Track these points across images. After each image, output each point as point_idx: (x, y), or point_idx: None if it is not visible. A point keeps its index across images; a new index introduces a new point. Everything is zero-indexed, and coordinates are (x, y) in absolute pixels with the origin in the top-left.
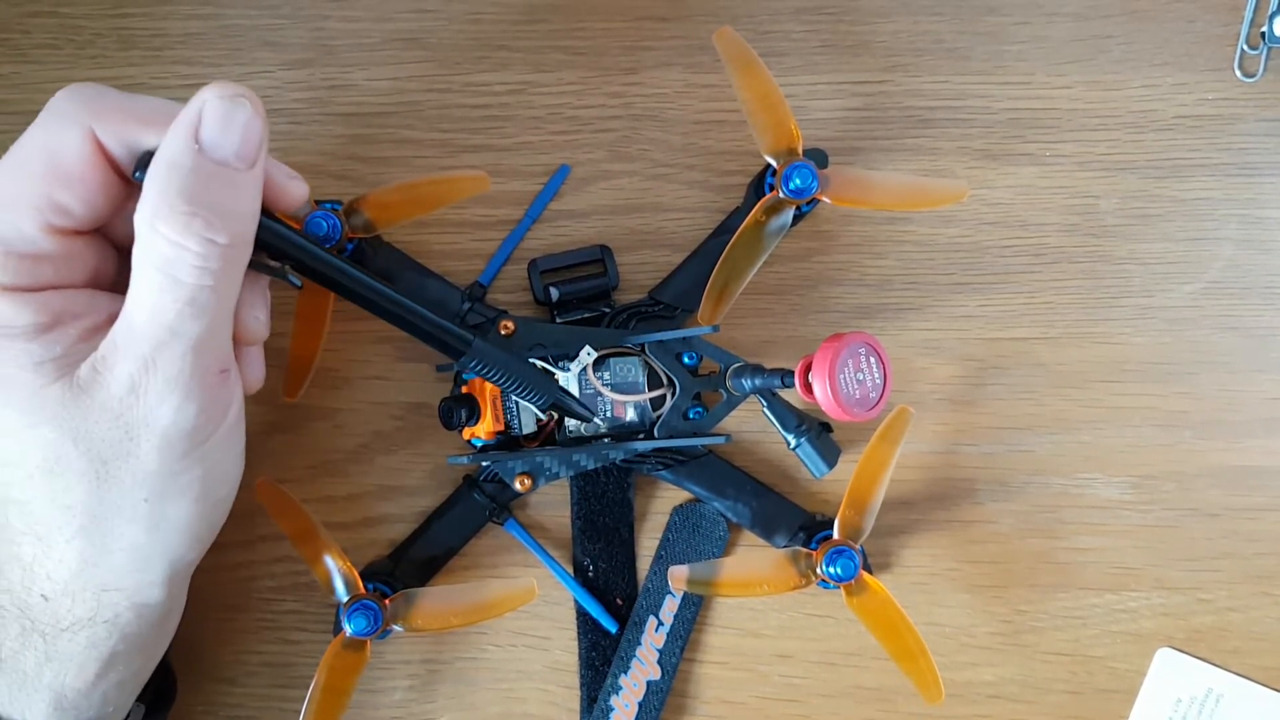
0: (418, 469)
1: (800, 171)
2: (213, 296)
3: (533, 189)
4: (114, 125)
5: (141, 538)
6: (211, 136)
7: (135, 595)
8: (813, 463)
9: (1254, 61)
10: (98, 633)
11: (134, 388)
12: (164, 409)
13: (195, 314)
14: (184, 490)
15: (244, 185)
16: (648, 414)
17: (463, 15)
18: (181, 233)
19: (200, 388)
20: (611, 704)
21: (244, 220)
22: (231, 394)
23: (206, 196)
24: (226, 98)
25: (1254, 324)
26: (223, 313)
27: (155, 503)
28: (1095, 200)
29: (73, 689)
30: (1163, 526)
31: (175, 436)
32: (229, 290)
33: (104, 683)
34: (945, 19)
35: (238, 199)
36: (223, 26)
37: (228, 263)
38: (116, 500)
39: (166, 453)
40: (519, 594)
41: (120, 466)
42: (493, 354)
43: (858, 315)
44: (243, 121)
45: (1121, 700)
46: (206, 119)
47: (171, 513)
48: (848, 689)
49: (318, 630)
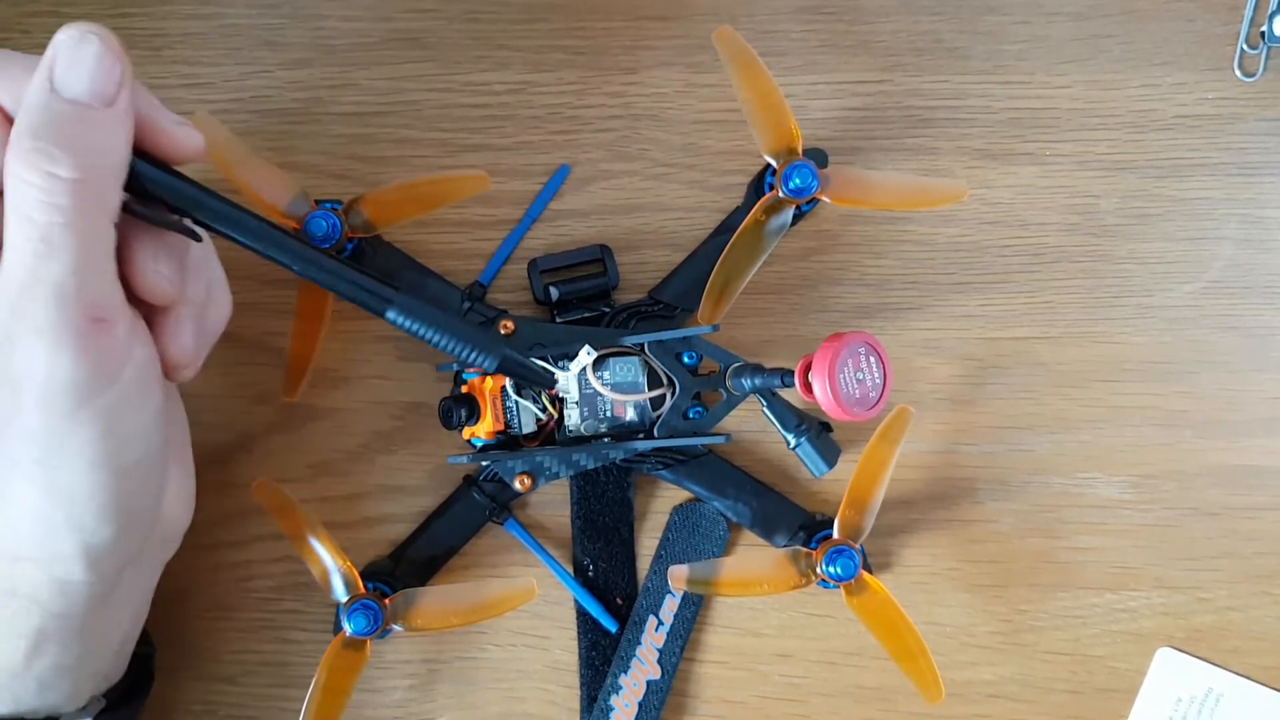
0: (418, 469)
1: (800, 171)
2: (68, 235)
3: (533, 189)
4: (8, 83)
5: (39, 500)
6: (62, 75)
7: (50, 568)
8: (813, 462)
9: (1254, 61)
10: (18, 607)
11: (9, 337)
12: (36, 359)
13: (50, 253)
14: (76, 453)
15: (99, 123)
16: (648, 414)
17: (462, 15)
18: (25, 168)
19: (71, 336)
20: (611, 703)
21: (98, 155)
22: (121, 348)
23: (52, 132)
24: (74, 37)
25: (1254, 324)
26: (88, 255)
27: (47, 465)
28: (1095, 200)
29: (2, 668)
30: (1163, 526)
31: (54, 390)
32: (91, 230)
33: (37, 664)
34: (945, 19)
35: (89, 134)
36: (223, 26)
37: (80, 200)
38: (9, 460)
39: (49, 409)
40: (519, 594)
41: (7, 424)
42: (420, 309)
43: (858, 315)
44: (92, 57)
45: (1121, 700)
46: (57, 59)
47: (66, 477)
48: (848, 689)
49: (317, 630)
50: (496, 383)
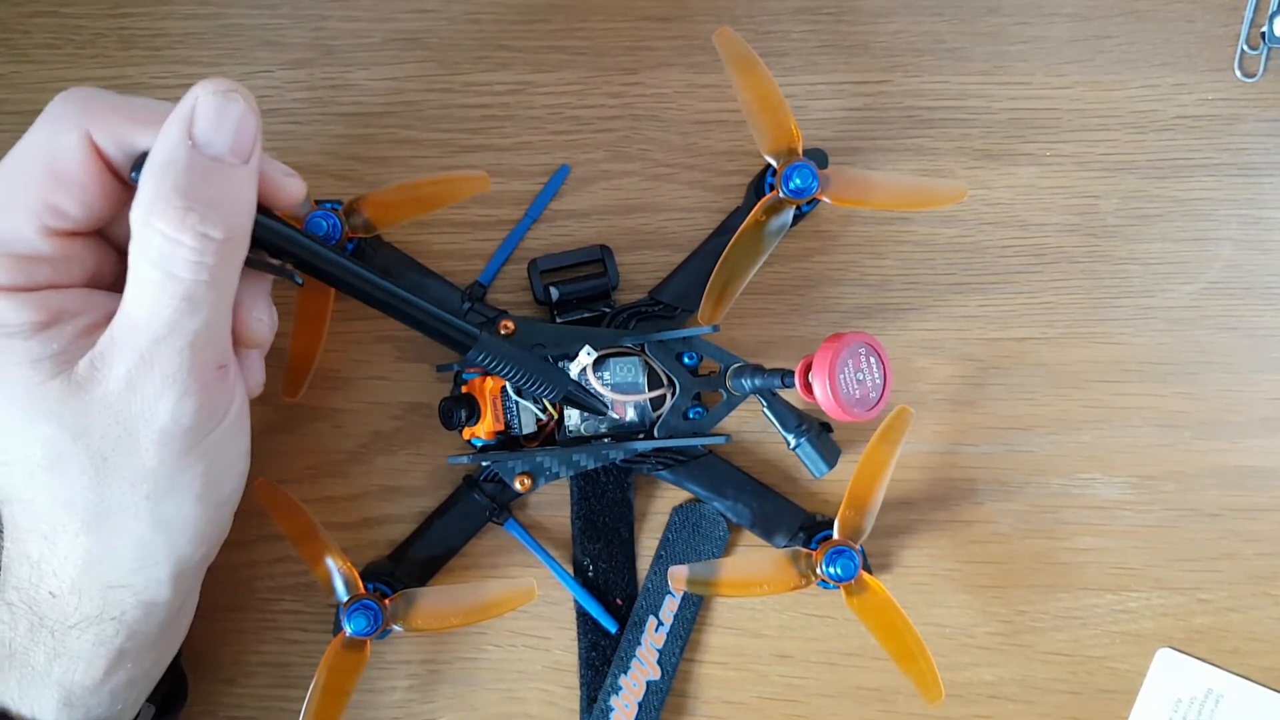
0: (418, 469)
1: (800, 171)
2: (210, 292)
3: (533, 189)
4: (110, 127)
5: (145, 534)
6: (205, 132)
7: (142, 593)
8: (813, 463)
9: (1254, 61)
10: (105, 630)
11: (131, 384)
12: (162, 405)
13: (192, 309)
14: (186, 487)
15: (239, 180)
16: (648, 414)
17: (463, 15)
18: (177, 228)
19: (198, 384)
20: (611, 704)
21: (240, 215)
22: (232, 391)
23: (201, 192)
24: (220, 93)
25: (1254, 324)
26: (220, 309)
27: (156, 500)
28: (1095, 200)
29: (81, 685)
30: (1163, 526)
31: (174, 433)
32: (226, 286)
33: (112, 680)
34: (945, 19)
35: (233, 194)
36: (223, 26)
37: (224, 258)
38: (118, 497)
39: (166, 449)
40: (519, 594)
41: (120, 463)
42: (500, 348)
43: (858, 315)
44: (236, 117)
45: (1121, 700)
46: (199, 115)
47: (173, 510)
48: (848, 689)
49: (317, 630)
50: (496, 383)
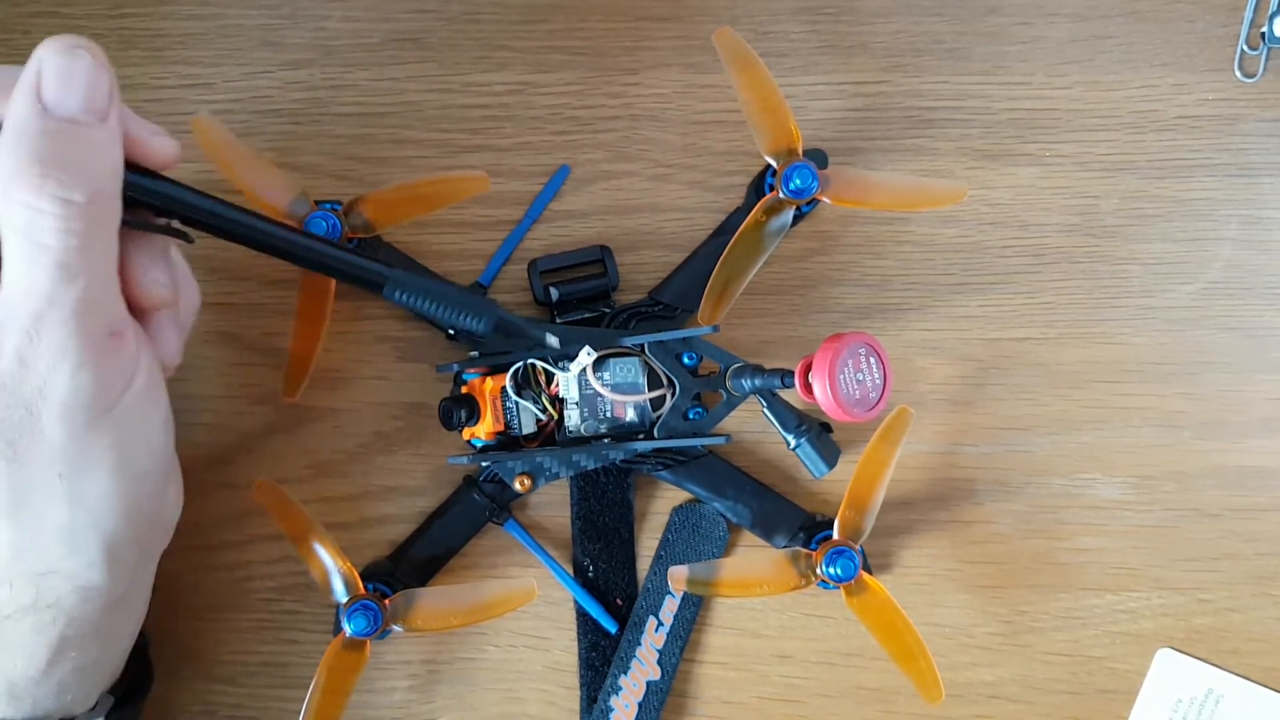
0: (418, 469)
1: (800, 172)
2: (83, 258)
3: (533, 189)
4: None
5: (65, 516)
6: (54, 93)
7: (75, 577)
8: (813, 463)
9: (1254, 62)
10: (42, 618)
11: (23, 361)
12: (57, 379)
13: (68, 278)
14: (99, 460)
15: (97, 140)
16: (648, 414)
17: (463, 15)
18: (36, 195)
19: (91, 352)
20: (611, 704)
21: (103, 176)
22: (131, 357)
23: (57, 156)
24: (64, 51)
25: (1254, 324)
26: (99, 274)
27: (71, 478)
28: (1095, 200)
29: (24, 677)
30: (1163, 527)
31: (76, 406)
32: (103, 250)
33: (57, 669)
34: (945, 19)
35: (91, 154)
36: (223, 26)
37: (92, 221)
38: (31, 480)
39: (70, 424)
40: (519, 594)
41: (28, 445)
42: (413, 281)
43: (858, 315)
44: (84, 72)
45: (1121, 700)
46: (46, 76)
47: (90, 486)
48: (848, 689)
49: (317, 631)
50: (496, 383)
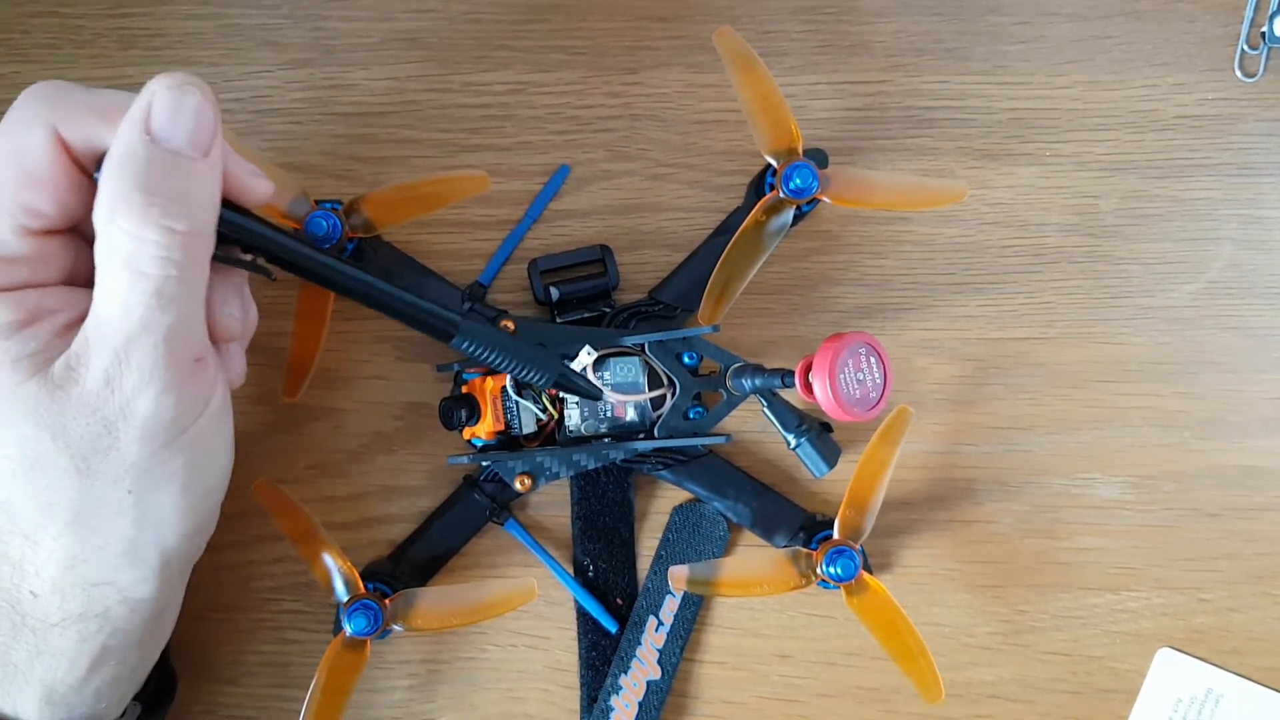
0: (418, 469)
1: (800, 171)
2: (179, 286)
3: (533, 189)
4: (77, 123)
5: (129, 530)
6: (162, 126)
7: (127, 590)
8: (813, 463)
9: (1254, 61)
10: (88, 627)
11: (109, 381)
12: (141, 401)
13: (163, 305)
14: (168, 481)
15: (200, 173)
16: (648, 414)
17: (463, 15)
18: (140, 224)
19: (176, 378)
20: (611, 704)
21: (202, 208)
22: (210, 383)
23: (162, 186)
24: (175, 87)
25: (1254, 324)
26: (191, 302)
27: (139, 495)
28: (1095, 200)
29: (64, 684)
30: (1163, 526)
31: (155, 428)
32: (196, 280)
33: (96, 678)
34: (945, 19)
35: (194, 187)
36: (223, 26)
37: (190, 251)
38: (100, 495)
39: (147, 444)
40: (519, 594)
41: (101, 461)
42: (484, 332)
43: (858, 315)
44: (192, 109)
45: (1121, 700)
46: (156, 109)
47: (157, 504)
48: (848, 689)
49: (317, 630)
50: (497, 383)
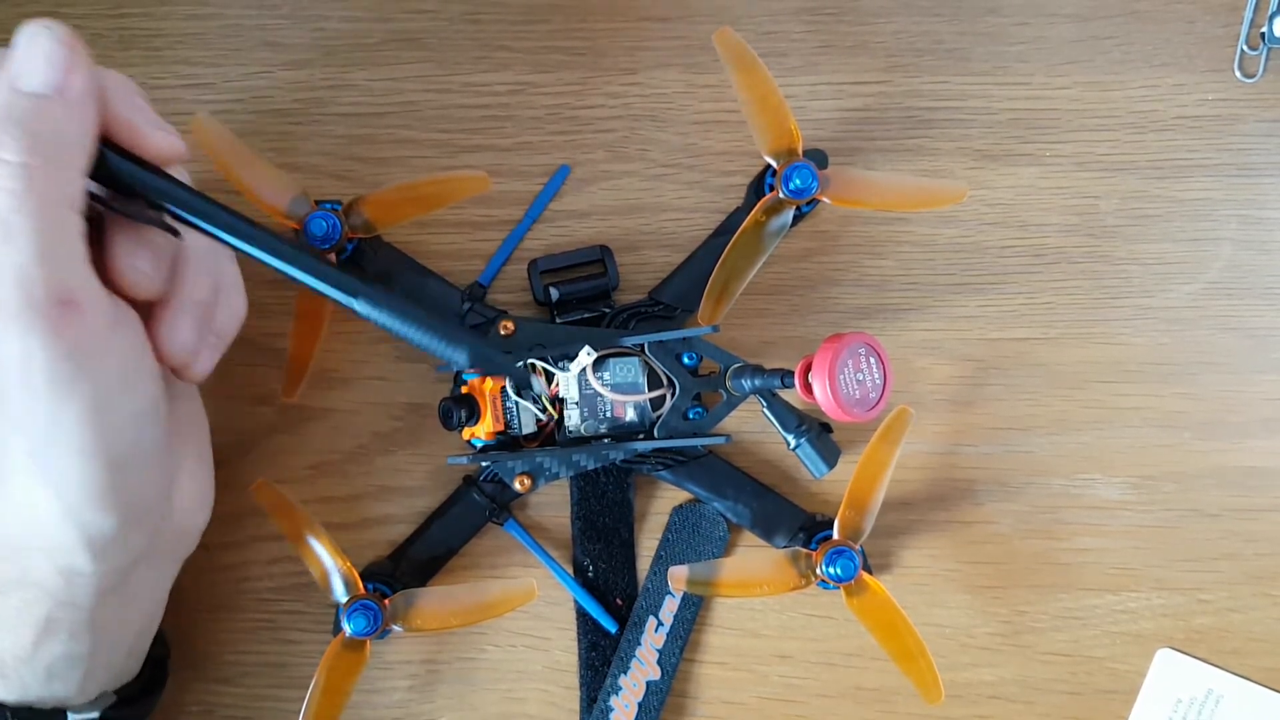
0: (417, 469)
1: (800, 172)
2: (25, 220)
3: (533, 189)
4: None
5: (36, 490)
6: (17, 69)
7: (56, 558)
8: (813, 463)
9: (1254, 62)
10: (28, 594)
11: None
12: (10, 343)
13: (8, 237)
14: (66, 441)
15: (53, 111)
16: (648, 414)
17: (463, 15)
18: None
19: (39, 319)
20: (611, 704)
21: (51, 142)
22: (99, 336)
23: (7, 123)
24: (28, 32)
25: (1254, 324)
26: (50, 240)
27: (38, 455)
28: (1095, 201)
29: (11, 654)
30: (1163, 527)
31: (33, 374)
32: (52, 217)
33: (44, 652)
34: (945, 19)
35: (44, 124)
36: (222, 26)
37: (33, 185)
38: (5, 453)
39: (30, 393)
40: (519, 594)
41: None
42: (388, 300)
43: (858, 315)
44: (42, 50)
45: (1121, 701)
46: (14, 52)
47: (58, 466)
48: (847, 689)
49: (317, 631)
50: (496, 383)
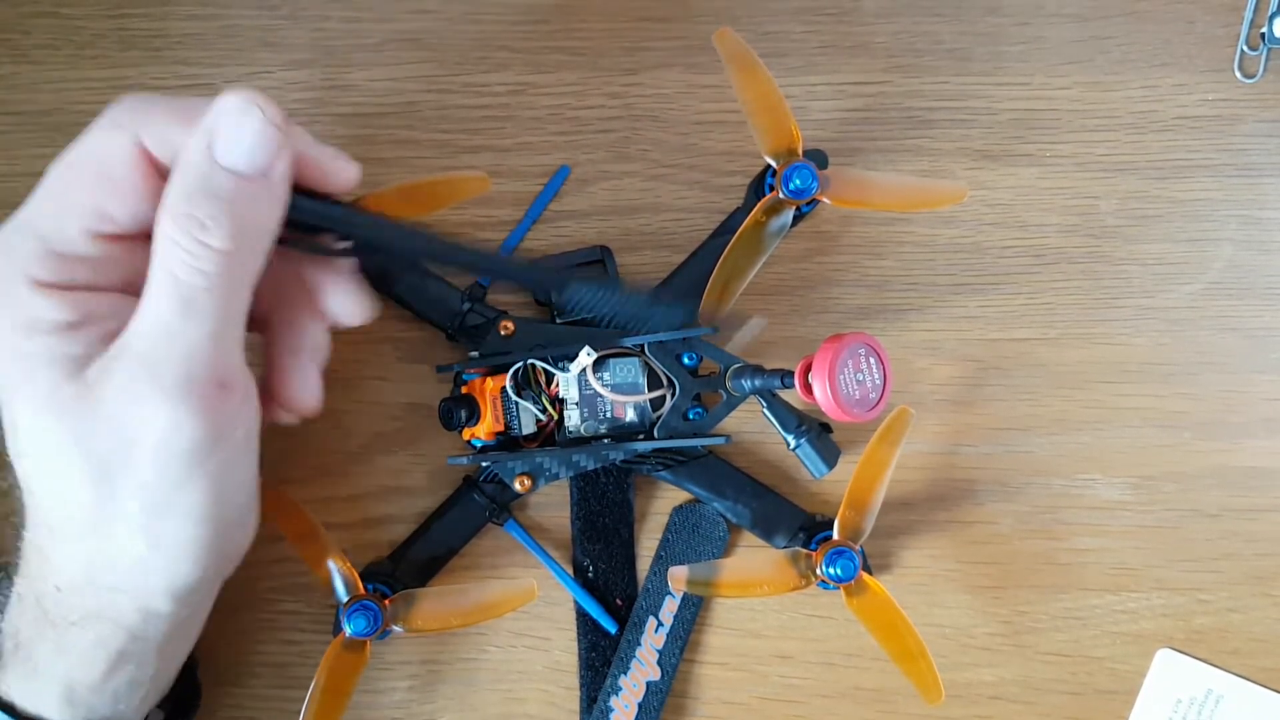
0: (418, 470)
1: (800, 172)
2: (209, 300)
3: (533, 189)
4: (162, 131)
5: (141, 550)
6: (221, 144)
7: (140, 600)
8: (812, 463)
9: (1254, 62)
10: (104, 630)
11: (131, 392)
12: (159, 417)
13: (189, 314)
14: (184, 509)
15: (254, 193)
16: (647, 414)
17: (463, 15)
18: (177, 232)
19: (197, 400)
20: (611, 704)
21: (249, 227)
22: (235, 414)
23: (210, 201)
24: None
25: (1254, 324)
26: (221, 320)
27: (152, 517)
28: (1095, 201)
29: (83, 684)
30: (1163, 527)
31: (171, 450)
32: (230, 299)
33: (114, 680)
34: (945, 20)
35: (244, 206)
36: (223, 26)
37: (226, 268)
38: (115, 507)
39: (161, 465)
40: (519, 594)
41: (119, 475)
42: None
43: (858, 315)
44: (252, 130)
45: (1121, 701)
46: (218, 127)
47: (170, 531)
48: (847, 689)
49: (317, 631)
50: (496, 383)
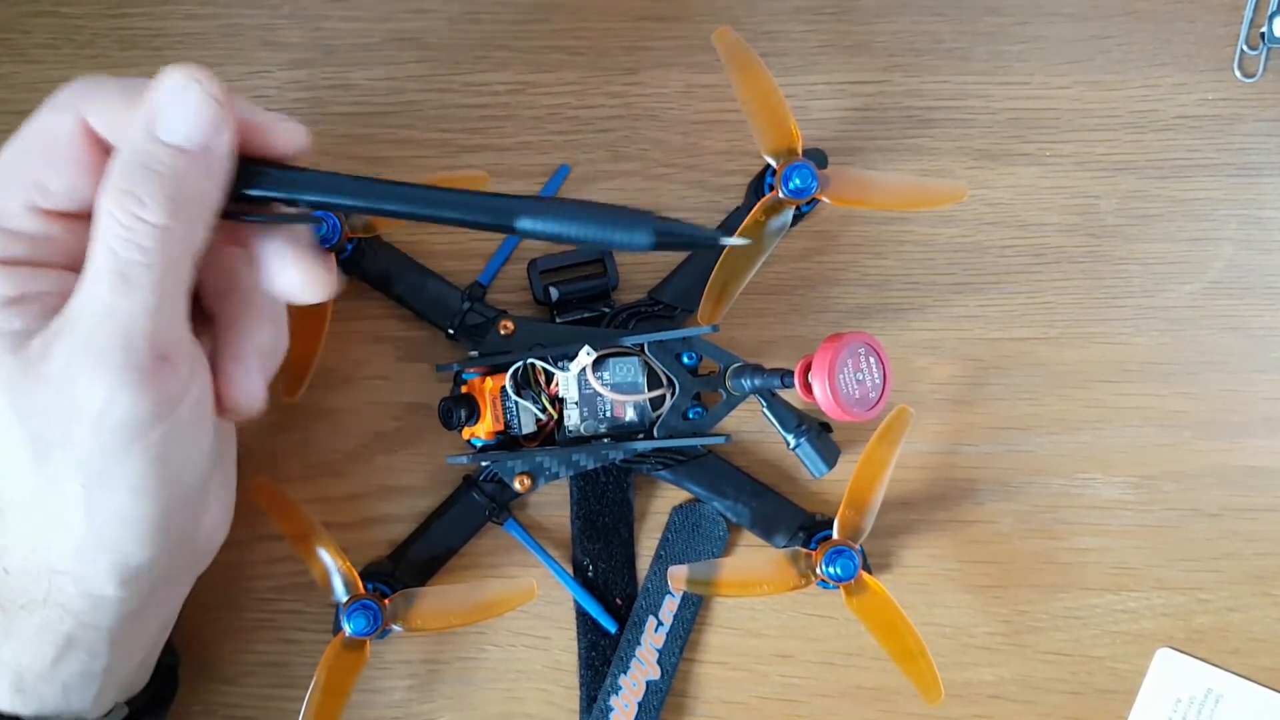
0: (417, 469)
1: (800, 171)
2: (147, 274)
3: (533, 188)
4: (106, 111)
5: (81, 528)
6: (161, 120)
7: (84, 583)
8: (812, 463)
9: (1254, 62)
10: (50, 614)
11: (70, 364)
12: (97, 389)
13: (126, 289)
14: (122, 484)
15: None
16: (647, 414)
17: (463, 15)
18: (115, 207)
19: (136, 374)
20: (611, 704)
21: (187, 202)
22: (180, 386)
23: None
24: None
25: (1254, 324)
26: (164, 296)
27: (91, 491)
28: (1095, 200)
29: (30, 670)
30: (1163, 526)
31: (108, 423)
32: (172, 273)
33: (62, 669)
34: (945, 19)
35: (183, 182)
36: (223, 26)
37: (163, 243)
38: (55, 485)
39: (99, 438)
40: (519, 594)
41: (59, 449)
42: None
43: (858, 315)
44: (191, 104)
45: (1121, 700)
46: (158, 104)
47: (110, 506)
48: (847, 689)
49: (317, 630)
50: (496, 383)
